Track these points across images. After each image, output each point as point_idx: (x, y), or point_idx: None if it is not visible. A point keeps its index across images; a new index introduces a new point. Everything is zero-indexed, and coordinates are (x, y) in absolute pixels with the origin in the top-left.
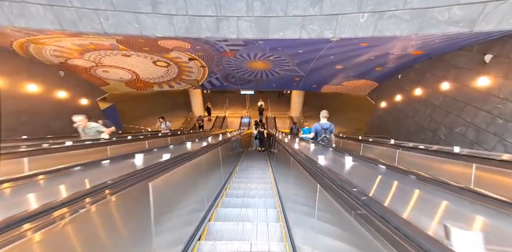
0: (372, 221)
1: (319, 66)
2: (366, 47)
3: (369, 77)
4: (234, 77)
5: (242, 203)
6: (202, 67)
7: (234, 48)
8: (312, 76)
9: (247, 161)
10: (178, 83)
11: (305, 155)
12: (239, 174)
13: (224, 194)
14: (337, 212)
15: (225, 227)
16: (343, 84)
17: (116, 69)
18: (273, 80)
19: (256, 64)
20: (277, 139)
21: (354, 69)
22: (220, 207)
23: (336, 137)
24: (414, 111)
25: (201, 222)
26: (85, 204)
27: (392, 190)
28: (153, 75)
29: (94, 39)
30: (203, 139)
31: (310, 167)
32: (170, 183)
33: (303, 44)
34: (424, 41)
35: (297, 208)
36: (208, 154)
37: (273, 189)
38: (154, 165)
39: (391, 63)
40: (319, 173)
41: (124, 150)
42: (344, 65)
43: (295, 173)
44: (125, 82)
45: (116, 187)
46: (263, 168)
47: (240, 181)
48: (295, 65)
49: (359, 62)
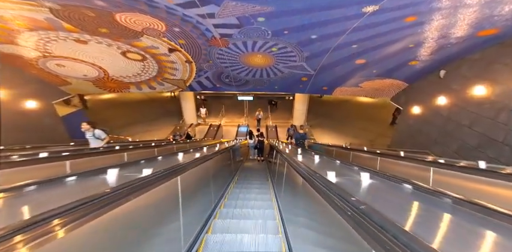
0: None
1: (334, 62)
2: (410, 26)
3: (397, 75)
4: (229, 77)
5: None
6: (188, 63)
7: (226, 31)
8: (324, 75)
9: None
10: (160, 83)
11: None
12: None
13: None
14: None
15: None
16: (361, 85)
17: (74, 63)
18: (276, 80)
19: (256, 58)
20: (284, 156)
21: (379, 65)
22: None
23: (359, 152)
24: (474, 119)
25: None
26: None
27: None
28: (126, 73)
29: (15, 7)
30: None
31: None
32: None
33: (319, 24)
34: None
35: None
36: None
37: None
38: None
39: (437, 52)
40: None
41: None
42: (368, 59)
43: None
44: (92, 81)
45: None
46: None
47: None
48: (304, 60)
49: (389, 53)
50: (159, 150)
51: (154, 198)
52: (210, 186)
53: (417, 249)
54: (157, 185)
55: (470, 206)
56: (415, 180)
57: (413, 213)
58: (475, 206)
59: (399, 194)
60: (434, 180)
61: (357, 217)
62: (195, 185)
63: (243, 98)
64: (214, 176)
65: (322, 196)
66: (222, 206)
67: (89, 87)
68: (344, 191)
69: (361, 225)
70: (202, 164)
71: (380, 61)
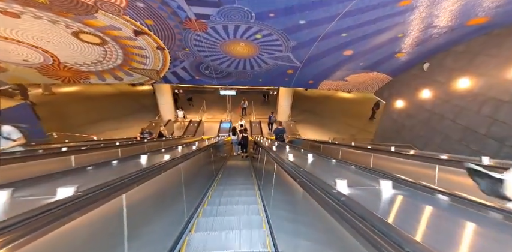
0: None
1: (321, 52)
2: (403, 11)
3: (383, 68)
4: (209, 68)
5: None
6: (160, 49)
7: (202, 11)
8: (310, 67)
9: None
10: (128, 73)
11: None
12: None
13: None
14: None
15: None
16: (346, 79)
17: (5, 44)
18: (260, 73)
19: (238, 47)
20: (270, 153)
21: (366, 57)
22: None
23: (345, 147)
24: (458, 112)
25: None
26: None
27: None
28: (83, 59)
29: None
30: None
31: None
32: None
33: (309, 6)
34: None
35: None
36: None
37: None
38: None
39: (424, 43)
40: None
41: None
42: (355, 50)
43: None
44: (38, 68)
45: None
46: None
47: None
48: (290, 50)
49: (377, 44)
50: (114, 152)
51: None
52: (182, 200)
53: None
54: (81, 213)
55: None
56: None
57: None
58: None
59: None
60: (440, 178)
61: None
62: (150, 206)
63: (226, 92)
64: (187, 184)
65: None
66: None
67: (34, 75)
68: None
69: (338, 213)
70: (159, 177)
71: (367, 52)
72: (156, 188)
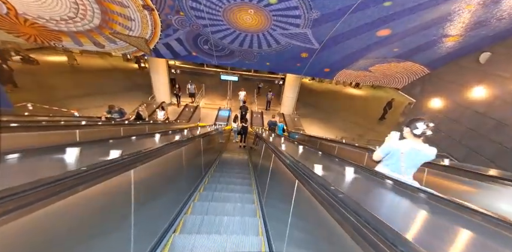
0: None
1: (349, 31)
2: None
3: (421, 57)
4: (208, 42)
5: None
6: (148, 9)
7: None
8: (331, 51)
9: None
10: (110, 39)
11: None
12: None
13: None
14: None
15: None
16: (371, 69)
17: None
18: (269, 54)
19: (245, 16)
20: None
21: (405, 40)
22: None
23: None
24: None
25: None
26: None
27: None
28: (49, 13)
29: None
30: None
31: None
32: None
33: None
34: None
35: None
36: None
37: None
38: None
39: (488, 25)
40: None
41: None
42: (394, 29)
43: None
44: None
45: None
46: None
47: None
48: (310, 25)
49: (427, 21)
50: (70, 134)
51: None
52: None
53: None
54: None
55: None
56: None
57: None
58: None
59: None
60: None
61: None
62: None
63: (227, 77)
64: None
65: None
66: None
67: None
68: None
69: (329, 202)
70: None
71: (408, 33)
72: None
